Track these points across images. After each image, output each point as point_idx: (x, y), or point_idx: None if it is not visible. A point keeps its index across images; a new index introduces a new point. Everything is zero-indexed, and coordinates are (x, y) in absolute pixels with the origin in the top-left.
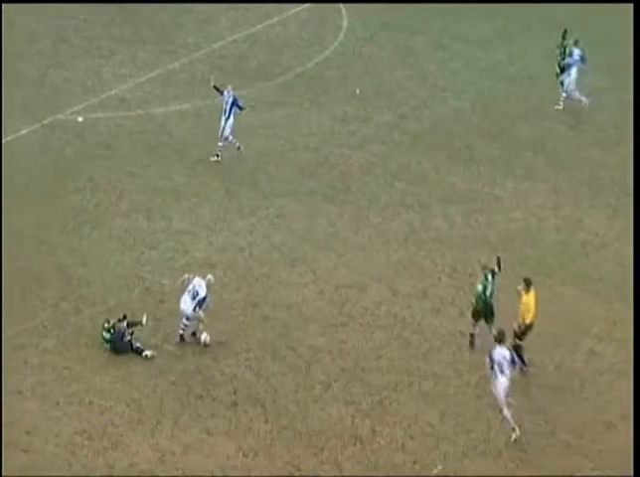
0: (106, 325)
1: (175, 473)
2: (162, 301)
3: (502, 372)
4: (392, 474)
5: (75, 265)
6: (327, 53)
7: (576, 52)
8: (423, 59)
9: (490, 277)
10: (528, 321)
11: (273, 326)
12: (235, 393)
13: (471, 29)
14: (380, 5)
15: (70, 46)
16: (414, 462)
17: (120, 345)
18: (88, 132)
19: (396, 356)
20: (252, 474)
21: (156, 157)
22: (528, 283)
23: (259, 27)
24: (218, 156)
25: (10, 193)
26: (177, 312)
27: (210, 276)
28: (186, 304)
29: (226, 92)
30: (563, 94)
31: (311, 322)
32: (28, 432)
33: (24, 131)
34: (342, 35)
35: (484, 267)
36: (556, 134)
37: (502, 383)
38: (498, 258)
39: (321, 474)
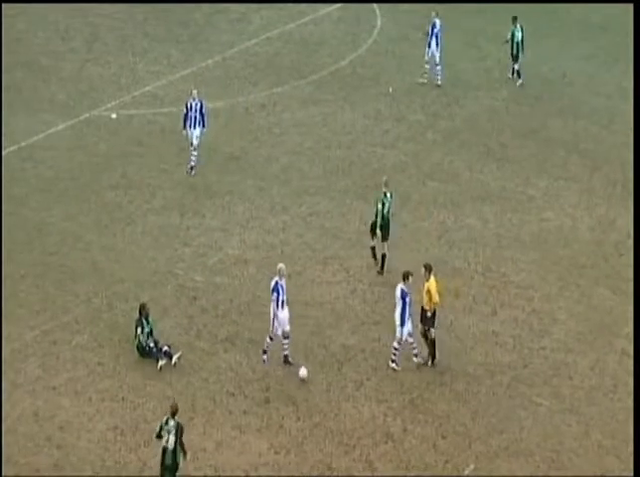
0: (136, 330)
1: (207, 470)
2: (195, 298)
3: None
4: (423, 474)
5: (108, 262)
6: (361, 51)
7: (437, 24)
8: (456, 58)
9: (389, 196)
10: (433, 306)
11: (306, 324)
12: (267, 390)
13: (504, 28)
14: (413, 5)
15: (103, 44)
16: (446, 462)
17: (146, 352)
18: (122, 129)
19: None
20: (284, 472)
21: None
22: (429, 269)
23: (293, 25)
24: (192, 169)
25: (46, 188)
26: (210, 309)
27: (281, 265)
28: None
29: (191, 100)
30: (438, 68)
31: (343, 320)
32: (61, 428)
33: (61, 126)
34: (376, 34)
35: (385, 184)
36: (589, 134)
37: (394, 313)
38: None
39: (353, 473)
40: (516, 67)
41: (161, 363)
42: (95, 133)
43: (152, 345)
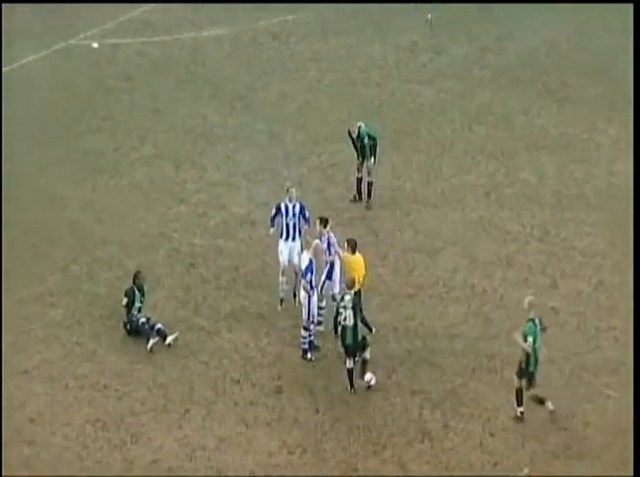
0: (124, 301)
1: (207, 472)
2: (192, 265)
3: None
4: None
5: (89, 221)
6: None
7: None
8: None
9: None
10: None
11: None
12: (279, 377)
13: None
14: None
15: None
16: (495, 464)
17: (136, 329)
18: (106, 61)
19: (473, 336)
20: (299, 474)
21: (186, 92)
22: (352, 246)
23: None
24: (282, 302)
25: (13, 132)
26: (211, 279)
27: (317, 241)
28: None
29: (287, 201)
30: None
31: (371, 293)
32: (32, 421)
33: (30, 58)
34: None
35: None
36: None
37: None
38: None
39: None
40: None
41: (152, 342)
42: (74, 66)
43: (145, 320)
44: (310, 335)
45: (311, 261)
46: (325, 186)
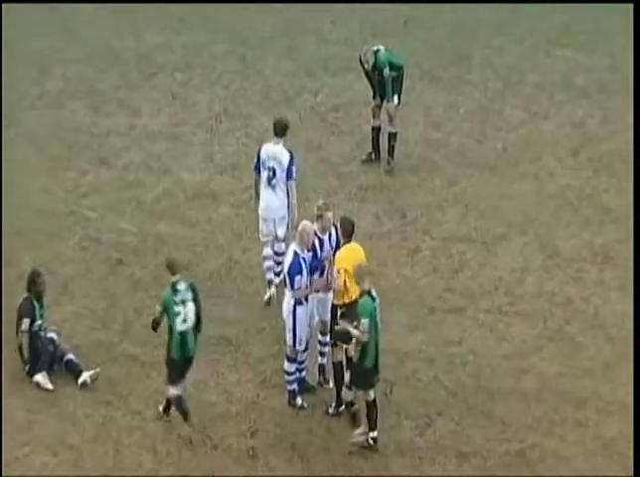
0: (24, 323)
1: None
2: (120, 262)
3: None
4: None
5: None
6: None
7: None
8: None
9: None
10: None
11: None
12: (252, 435)
13: None
14: None
15: None
16: None
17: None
18: None
19: (552, 371)
20: None
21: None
22: (346, 231)
23: None
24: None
25: None
26: (149, 282)
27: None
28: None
29: (320, 238)
30: None
31: (396, 305)
32: None
33: None
34: None
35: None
36: None
37: None
38: None
39: None
40: None
41: (39, 380)
42: None
43: (50, 347)
44: (299, 370)
45: (296, 255)
46: (324, 139)
